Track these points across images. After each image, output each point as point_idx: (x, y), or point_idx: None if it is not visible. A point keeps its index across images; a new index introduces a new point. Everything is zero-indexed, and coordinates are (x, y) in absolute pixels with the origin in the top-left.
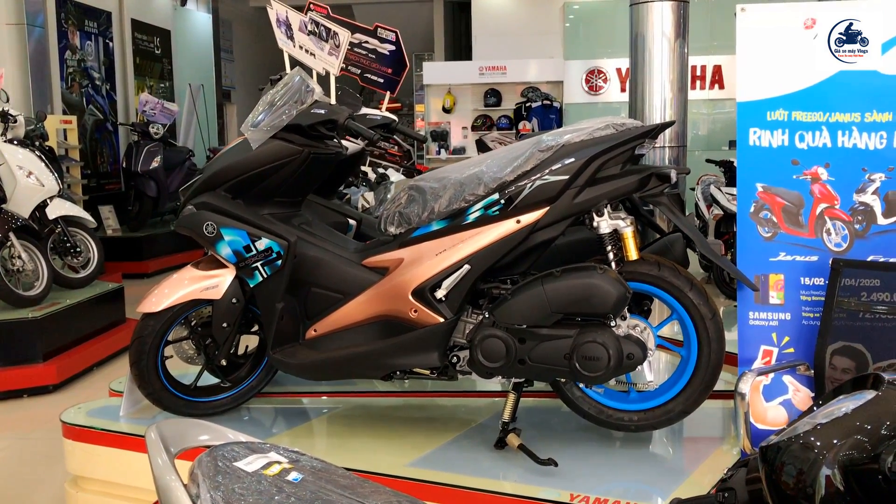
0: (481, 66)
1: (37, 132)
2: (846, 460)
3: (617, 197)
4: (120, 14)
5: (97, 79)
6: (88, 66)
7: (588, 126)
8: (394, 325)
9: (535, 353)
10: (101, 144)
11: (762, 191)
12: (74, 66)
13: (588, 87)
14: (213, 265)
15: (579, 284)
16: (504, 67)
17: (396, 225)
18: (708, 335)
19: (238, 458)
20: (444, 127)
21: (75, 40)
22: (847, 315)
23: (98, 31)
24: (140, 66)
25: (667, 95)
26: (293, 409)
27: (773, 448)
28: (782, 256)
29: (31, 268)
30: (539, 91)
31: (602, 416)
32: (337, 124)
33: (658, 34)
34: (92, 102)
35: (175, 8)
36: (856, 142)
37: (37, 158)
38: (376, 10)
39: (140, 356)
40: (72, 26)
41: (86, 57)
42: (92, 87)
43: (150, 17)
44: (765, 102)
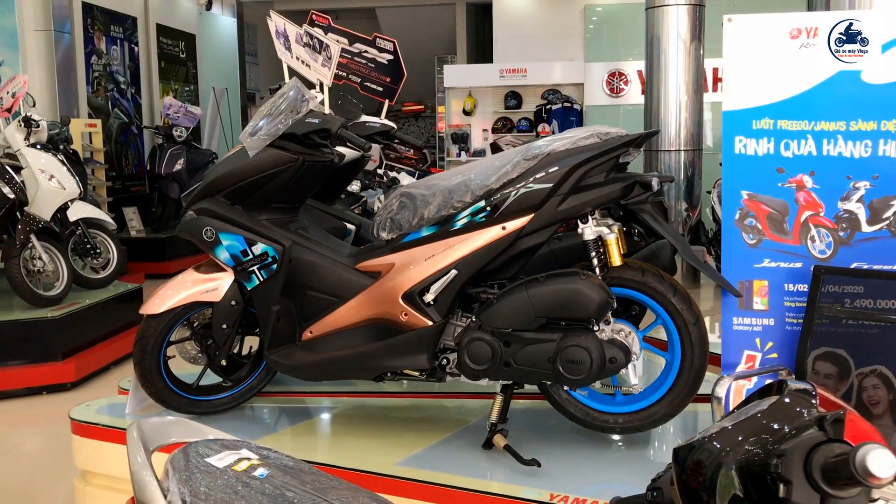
0: (502, 68)
1: (61, 136)
2: (742, 461)
3: (601, 204)
4: (145, 19)
5: (122, 83)
6: (114, 71)
7: (573, 135)
8: (385, 328)
9: (519, 357)
10: (126, 147)
11: (747, 198)
12: (100, 70)
13: (609, 90)
14: (213, 268)
15: (562, 290)
16: (524, 70)
17: (388, 230)
18: (691, 340)
19: (210, 454)
20: (465, 129)
21: (101, 45)
22: (830, 321)
23: (124, 35)
24: (165, 70)
25: (682, 97)
26: (291, 408)
27: (685, 448)
28: (767, 263)
29: (51, 269)
30: (560, 93)
31: (587, 418)
32: (330, 133)
33: (674, 37)
34: (117, 106)
35: (200, 12)
36: (841, 150)
37: (58, 162)
38: (399, 14)
39: (143, 356)
40: (98, 32)
41: (111, 61)
42: (117, 90)
43: (175, 22)
44: (751, 111)
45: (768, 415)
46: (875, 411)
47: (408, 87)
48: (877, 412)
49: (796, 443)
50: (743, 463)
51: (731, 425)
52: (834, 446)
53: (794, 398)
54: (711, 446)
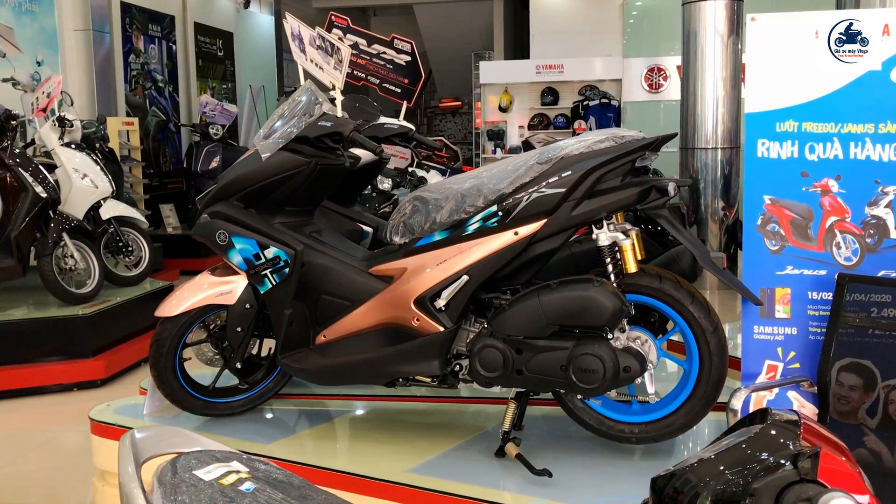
0: (538, 64)
1: (98, 134)
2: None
3: (616, 210)
4: (183, 18)
5: (160, 81)
6: (152, 69)
7: (588, 139)
8: (398, 333)
9: (531, 364)
10: (163, 145)
11: (770, 203)
12: (138, 69)
13: (648, 85)
14: (228, 271)
15: (575, 297)
16: (561, 66)
17: (401, 235)
18: (709, 349)
19: (199, 466)
20: (501, 126)
21: (139, 44)
22: (855, 331)
23: (161, 34)
24: (203, 68)
25: (719, 94)
26: (308, 411)
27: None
28: (789, 270)
29: (83, 266)
30: (597, 89)
31: (603, 427)
32: (342, 136)
33: (711, 32)
34: (155, 104)
35: (238, 10)
36: (869, 153)
37: (92, 161)
38: (437, 10)
39: (158, 358)
40: (136, 31)
41: (149, 60)
42: (155, 89)
43: (213, 20)
44: (774, 113)
45: (748, 447)
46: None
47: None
48: None
49: (768, 481)
50: (717, 497)
51: (711, 455)
52: (806, 487)
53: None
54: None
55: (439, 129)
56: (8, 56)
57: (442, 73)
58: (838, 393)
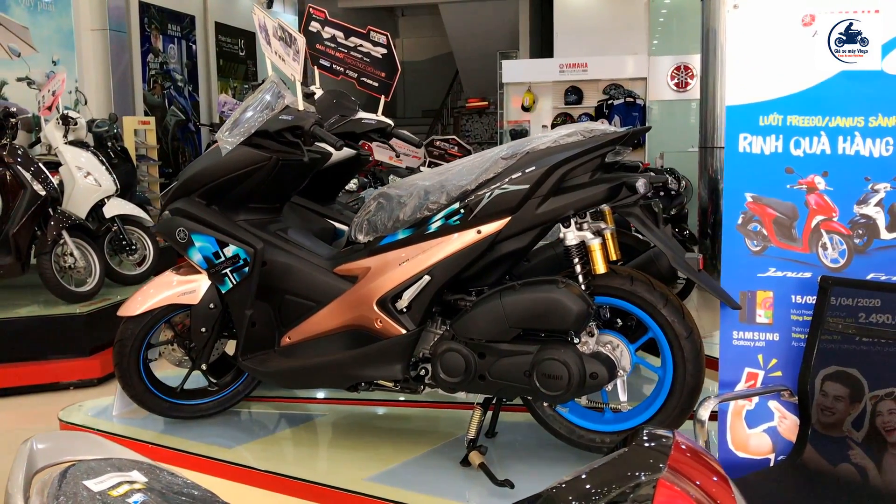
0: (561, 63)
1: (110, 133)
2: None
3: (584, 208)
4: (204, 17)
5: (179, 81)
6: (171, 69)
7: (556, 134)
8: (362, 336)
9: (494, 369)
10: (183, 144)
11: (752, 201)
12: (157, 68)
13: (674, 84)
14: (193, 270)
15: (537, 299)
16: (585, 64)
17: (365, 233)
18: (683, 355)
19: (92, 475)
20: (524, 126)
21: (158, 44)
22: (842, 338)
23: (181, 34)
24: (223, 68)
25: None
26: (276, 414)
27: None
28: (772, 272)
29: (82, 265)
30: (622, 88)
31: (573, 436)
32: (303, 130)
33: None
34: (174, 104)
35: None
36: (858, 148)
37: (96, 159)
38: (462, 9)
39: (121, 358)
40: (155, 30)
41: (168, 60)
42: (174, 88)
43: (234, 20)
44: (757, 106)
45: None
46: (890, 438)
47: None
48: (892, 439)
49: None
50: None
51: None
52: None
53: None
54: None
55: (466, 129)
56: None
57: (468, 73)
58: (822, 403)
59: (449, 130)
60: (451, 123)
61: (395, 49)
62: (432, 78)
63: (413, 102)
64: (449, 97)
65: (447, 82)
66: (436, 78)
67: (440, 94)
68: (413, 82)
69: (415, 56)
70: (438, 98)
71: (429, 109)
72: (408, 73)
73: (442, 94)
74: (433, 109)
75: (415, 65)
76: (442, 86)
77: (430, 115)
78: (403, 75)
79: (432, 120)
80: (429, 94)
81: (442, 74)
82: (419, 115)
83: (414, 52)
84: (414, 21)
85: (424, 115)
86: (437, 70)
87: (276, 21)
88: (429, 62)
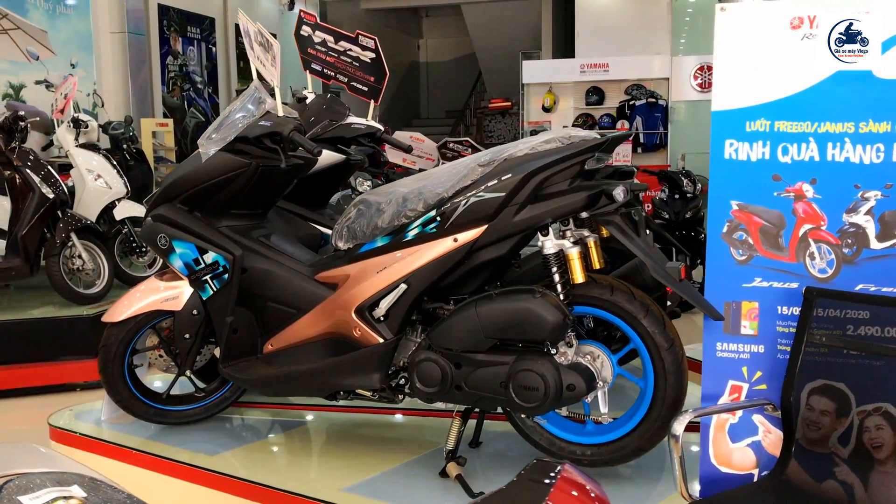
0: (583, 63)
1: (126, 135)
2: None
3: (562, 215)
4: (224, 19)
5: (199, 82)
6: (190, 71)
7: (534, 140)
8: (342, 344)
9: (471, 380)
10: None
11: (737, 209)
12: (176, 70)
13: (698, 84)
14: (177, 276)
15: (512, 308)
16: (606, 65)
17: (345, 240)
18: (664, 366)
19: (29, 490)
20: (545, 127)
21: (177, 46)
22: (829, 351)
23: (201, 36)
24: (244, 70)
25: None
26: (263, 420)
27: None
28: (758, 282)
29: (91, 267)
30: (644, 89)
31: (553, 447)
32: (282, 136)
33: None
34: (193, 105)
35: (282, 12)
36: (848, 155)
37: (107, 162)
38: (484, 10)
39: (106, 364)
40: (174, 33)
41: (188, 62)
42: (193, 90)
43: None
44: (743, 111)
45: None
46: (878, 455)
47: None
48: (880, 456)
49: None
50: None
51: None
52: None
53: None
54: None
55: (489, 129)
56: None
57: (491, 74)
58: (808, 418)
59: (472, 131)
60: (473, 124)
61: (419, 50)
62: (455, 78)
63: (436, 103)
64: (472, 98)
65: (470, 83)
66: (459, 78)
67: (463, 95)
68: (436, 83)
69: (438, 57)
70: (461, 99)
71: (452, 110)
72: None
73: (465, 94)
74: (456, 110)
75: (438, 65)
76: (465, 86)
77: (453, 115)
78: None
79: (455, 121)
80: (452, 94)
81: (465, 75)
82: (442, 116)
83: (437, 53)
84: (437, 22)
85: (448, 115)
86: (461, 71)
87: (256, 25)
88: (452, 63)
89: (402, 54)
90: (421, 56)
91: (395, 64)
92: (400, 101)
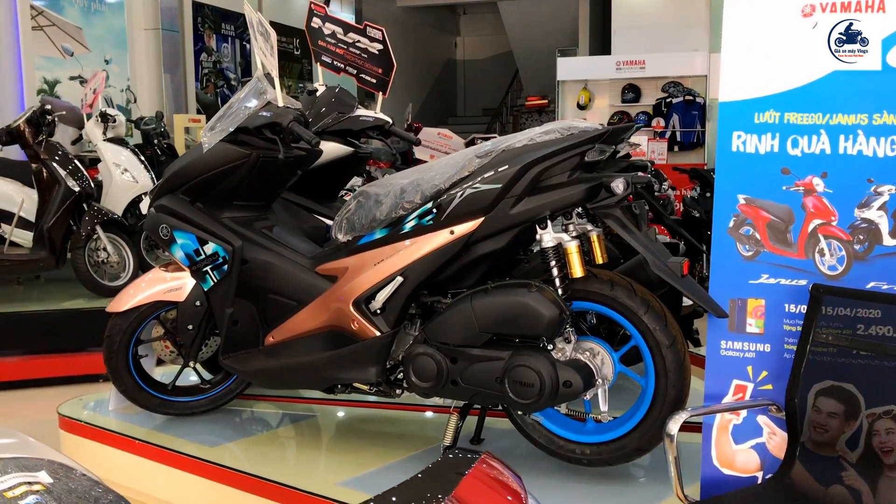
0: (619, 60)
1: (157, 130)
2: None
3: (561, 208)
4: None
5: (233, 79)
6: (224, 68)
7: (533, 132)
8: (341, 337)
9: (466, 375)
10: None
11: (744, 203)
12: (210, 67)
13: None
14: (179, 267)
15: (507, 302)
16: (643, 62)
17: (345, 232)
18: (665, 364)
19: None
20: None
21: (211, 43)
22: (837, 350)
23: (235, 33)
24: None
25: None
26: (267, 413)
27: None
28: (764, 279)
29: (116, 259)
30: (681, 86)
31: (552, 446)
32: (281, 127)
33: None
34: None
35: None
36: (861, 148)
37: (134, 157)
38: (521, 6)
39: (110, 354)
40: (208, 30)
41: (221, 59)
42: (227, 87)
43: (289, 20)
44: (752, 102)
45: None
46: (887, 460)
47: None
48: (889, 461)
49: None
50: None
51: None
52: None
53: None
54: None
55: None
56: (76, 55)
57: (528, 71)
58: (815, 420)
59: (508, 129)
60: (510, 122)
61: (456, 48)
62: (492, 76)
63: (473, 101)
64: (509, 95)
65: (507, 81)
66: (496, 76)
67: (500, 93)
68: (473, 81)
69: (475, 55)
70: (498, 96)
71: (488, 108)
72: (468, 71)
73: (502, 92)
74: (493, 108)
75: (475, 63)
76: (502, 84)
77: (489, 113)
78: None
79: (491, 118)
80: (489, 92)
81: (502, 73)
82: (479, 114)
83: (474, 51)
84: (474, 19)
85: (484, 113)
86: (497, 68)
87: (258, 16)
88: (489, 60)
89: (438, 52)
90: (458, 54)
91: (432, 61)
92: (436, 98)
